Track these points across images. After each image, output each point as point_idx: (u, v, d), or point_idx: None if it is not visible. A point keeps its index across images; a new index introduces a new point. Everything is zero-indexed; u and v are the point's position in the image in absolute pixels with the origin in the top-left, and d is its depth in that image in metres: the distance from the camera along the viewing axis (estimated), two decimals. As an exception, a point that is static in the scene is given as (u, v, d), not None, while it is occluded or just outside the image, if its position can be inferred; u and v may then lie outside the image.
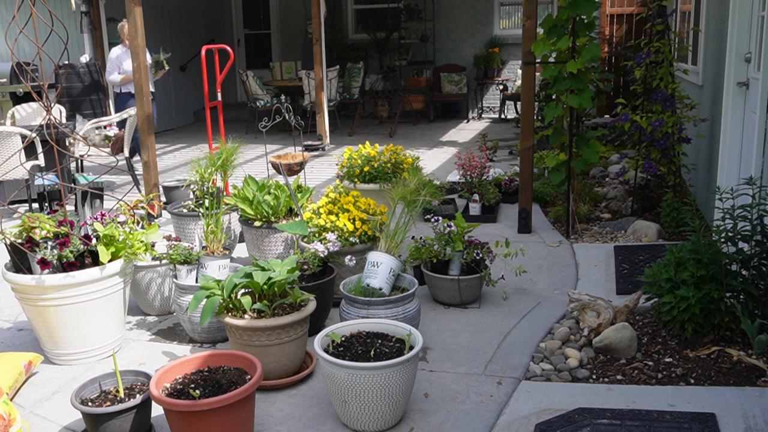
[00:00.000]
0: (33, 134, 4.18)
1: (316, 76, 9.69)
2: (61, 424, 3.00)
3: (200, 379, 2.84)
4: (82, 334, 3.49)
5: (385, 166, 5.10)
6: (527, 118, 5.24)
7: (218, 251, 3.92)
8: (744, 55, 4.45)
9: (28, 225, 3.50)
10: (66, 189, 5.57)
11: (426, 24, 12.40)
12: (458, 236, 4.11)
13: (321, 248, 3.76)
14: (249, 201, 4.48)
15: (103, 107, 9.72)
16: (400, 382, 2.76)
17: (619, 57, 10.40)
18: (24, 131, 5.98)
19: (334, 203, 4.22)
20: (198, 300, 3.16)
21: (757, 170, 3.88)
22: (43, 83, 3.64)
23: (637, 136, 5.59)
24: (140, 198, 4.90)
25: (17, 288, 3.43)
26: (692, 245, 3.38)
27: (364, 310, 3.38)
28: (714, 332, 3.38)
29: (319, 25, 9.51)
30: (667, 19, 5.62)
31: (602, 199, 6.06)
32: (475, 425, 2.86)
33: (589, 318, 3.57)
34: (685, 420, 2.73)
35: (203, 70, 5.79)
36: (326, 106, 9.81)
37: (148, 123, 6.10)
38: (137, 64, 5.97)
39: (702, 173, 5.63)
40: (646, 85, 5.59)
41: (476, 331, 3.74)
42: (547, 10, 11.44)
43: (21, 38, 8.65)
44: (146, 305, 4.10)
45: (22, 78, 8.48)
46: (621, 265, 4.54)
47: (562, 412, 2.88)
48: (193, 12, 12.71)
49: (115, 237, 3.54)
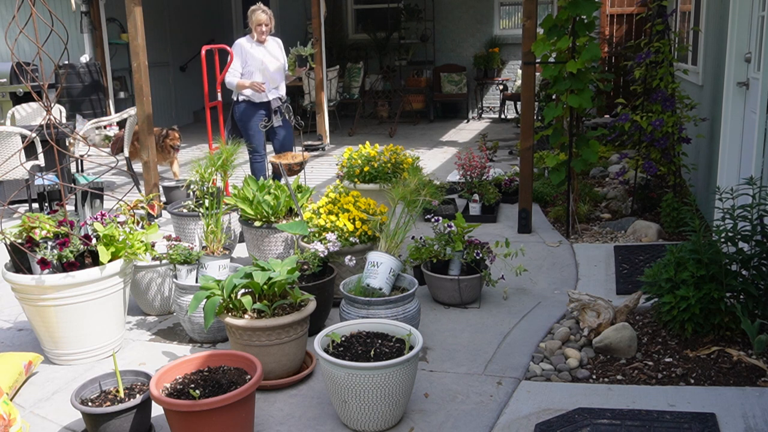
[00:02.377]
0: (33, 134, 4.18)
1: (316, 76, 9.69)
2: (61, 424, 3.00)
3: (200, 379, 2.84)
4: (82, 334, 3.49)
5: (385, 166, 5.10)
6: (527, 118, 5.24)
7: (218, 251, 3.92)
8: (744, 55, 4.45)
9: (28, 225, 3.50)
10: (66, 189, 5.57)
11: (426, 24, 12.40)
12: (458, 236, 4.11)
13: (321, 248, 3.76)
14: (249, 201, 4.49)
15: (103, 107, 9.72)
16: (400, 382, 2.76)
17: (619, 57, 10.40)
18: (24, 131, 5.98)
19: (334, 203, 4.22)
20: (198, 300, 3.16)
21: (757, 170, 3.88)
22: (43, 83, 3.64)
23: (637, 136, 5.59)
24: (140, 198, 4.90)
25: (17, 288, 3.43)
26: (692, 245, 3.38)
27: (364, 310, 3.38)
28: (714, 332, 3.38)
29: (319, 25, 9.51)
30: (667, 19, 5.61)
31: (602, 199, 6.06)
32: (475, 425, 2.86)
33: (589, 318, 3.57)
34: (685, 420, 2.73)
35: (203, 70, 5.79)
36: (326, 106, 9.81)
37: (148, 123, 6.10)
38: (137, 64, 5.97)
39: (702, 173, 5.63)
40: (646, 85, 5.59)
41: (476, 331, 3.74)
42: (547, 10, 11.44)
43: (21, 38, 8.66)
44: (146, 305, 4.10)
45: (22, 78, 8.49)
46: (621, 265, 4.54)
47: (562, 412, 2.88)
48: (193, 12, 12.71)
49: (115, 237, 3.54)
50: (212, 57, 6.16)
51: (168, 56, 12.00)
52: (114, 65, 10.56)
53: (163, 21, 11.76)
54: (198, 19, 12.89)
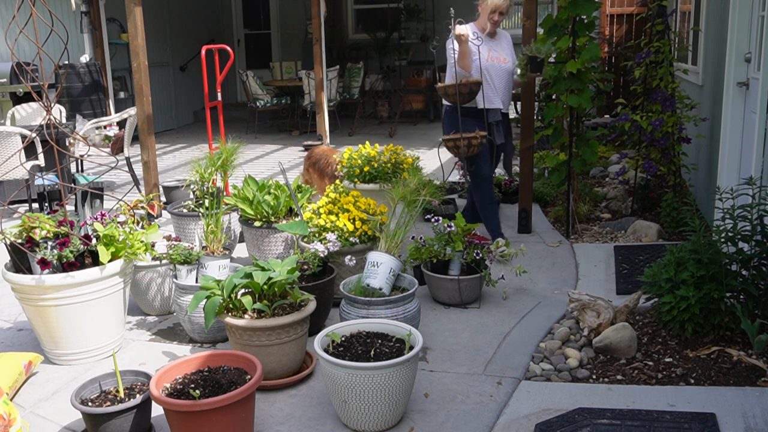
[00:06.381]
0: (33, 134, 4.18)
1: (316, 76, 9.68)
2: (61, 424, 3.00)
3: (200, 379, 2.84)
4: (82, 334, 3.49)
5: (385, 166, 5.10)
6: (527, 118, 5.24)
7: (218, 251, 3.92)
8: (744, 55, 4.45)
9: (28, 225, 3.50)
10: (66, 189, 5.57)
11: (426, 24, 12.40)
12: (458, 236, 4.11)
13: (321, 248, 3.76)
14: (249, 201, 4.48)
15: (103, 107, 9.72)
16: (400, 382, 2.76)
17: (619, 57, 10.39)
18: (24, 131, 5.98)
19: (334, 203, 4.22)
20: (198, 300, 3.16)
21: (757, 170, 3.88)
22: (43, 83, 3.64)
23: (637, 136, 5.59)
24: (140, 198, 4.90)
25: (17, 288, 3.43)
26: (692, 245, 3.38)
27: (364, 310, 3.38)
28: (714, 332, 3.38)
29: (319, 25, 9.51)
30: (667, 19, 5.61)
31: (602, 199, 6.06)
32: (475, 425, 2.86)
33: (589, 318, 3.57)
34: (685, 420, 2.73)
35: (203, 70, 5.79)
36: (326, 106, 9.80)
37: (148, 123, 6.10)
38: (137, 64, 5.96)
39: (702, 173, 5.63)
40: (646, 85, 5.59)
41: (476, 331, 3.74)
42: (547, 10, 11.42)
43: (21, 38, 8.66)
44: (146, 305, 4.10)
45: (22, 78, 8.48)
46: (621, 265, 4.54)
47: (562, 412, 2.88)
48: (193, 12, 12.71)
49: (115, 237, 3.54)
50: (212, 57, 6.16)
51: (168, 56, 12.00)
52: (114, 65, 10.56)
53: (163, 21, 11.76)
54: (198, 19, 12.88)
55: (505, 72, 4.78)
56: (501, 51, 4.79)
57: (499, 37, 4.82)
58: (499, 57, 4.74)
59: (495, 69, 4.74)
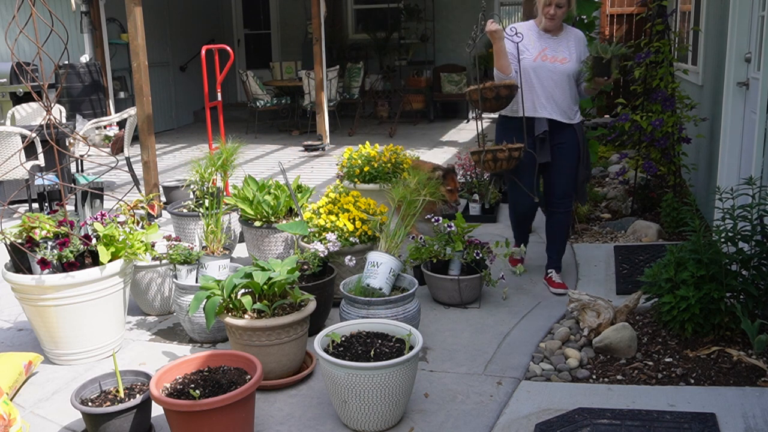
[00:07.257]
0: (33, 134, 4.18)
1: (316, 76, 9.69)
2: (61, 424, 3.00)
3: (200, 379, 2.84)
4: (82, 334, 3.49)
5: (385, 166, 5.10)
6: (527, 118, 5.22)
7: (218, 251, 3.92)
8: (744, 55, 4.45)
9: (28, 225, 3.50)
10: (66, 189, 5.57)
11: (426, 24, 12.40)
12: (458, 236, 4.11)
13: (321, 248, 3.76)
14: (249, 201, 4.48)
15: (103, 107, 9.72)
16: (400, 382, 2.76)
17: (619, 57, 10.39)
18: (24, 131, 5.98)
19: (334, 203, 4.22)
20: (198, 300, 3.16)
21: (757, 170, 3.88)
22: (43, 83, 3.64)
23: (637, 136, 5.59)
24: (140, 198, 4.90)
25: (17, 288, 3.43)
26: (692, 245, 3.38)
27: (364, 310, 3.38)
28: (714, 332, 3.38)
29: (319, 25, 9.51)
30: (667, 19, 5.61)
31: (602, 199, 6.06)
32: (475, 425, 2.86)
33: (589, 318, 3.57)
34: (685, 420, 2.73)
35: (203, 70, 5.78)
36: (326, 106, 9.81)
37: (148, 123, 6.10)
38: (137, 64, 5.97)
39: (702, 173, 5.62)
40: (646, 85, 5.59)
41: (476, 331, 3.74)
42: (547, 10, 11.42)
43: (21, 38, 8.65)
44: (146, 305, 4.10)
45: (22, 78, 8.48)
46: (621, 265, 4.53)
47: (562, 412, 2.88)
48: (193, 12, 12.71)
49: (115, 237, 3.54)
50: (212, 57, 6.16)
51: (168, 56, 12.00)
52: (114, 65, 10.56)
53: (163, 21, 11.76)
54: (198, 19, 12.88)
55: (563, 74, 4.03)
56: (561, 50, 4.06)
57: (562, 35, 4.11)
58: (555, 56, 4.03)
59: (547, 70, 4.03)
